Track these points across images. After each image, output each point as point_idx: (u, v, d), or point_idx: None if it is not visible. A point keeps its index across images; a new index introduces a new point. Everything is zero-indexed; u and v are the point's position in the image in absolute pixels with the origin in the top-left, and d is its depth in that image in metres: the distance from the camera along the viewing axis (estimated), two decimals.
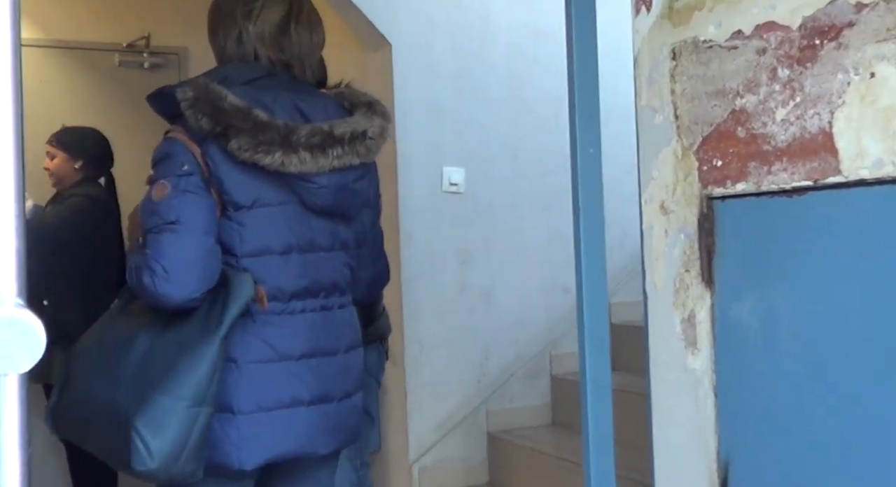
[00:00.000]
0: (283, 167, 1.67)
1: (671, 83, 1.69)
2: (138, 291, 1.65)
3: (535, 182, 3.83)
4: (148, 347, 1.65)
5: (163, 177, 1.67)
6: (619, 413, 3.09)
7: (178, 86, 1.73)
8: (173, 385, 1.57)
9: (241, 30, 1.80)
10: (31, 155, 3.62)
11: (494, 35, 3.91)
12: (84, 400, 1.70)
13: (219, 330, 1.61)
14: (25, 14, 4.45)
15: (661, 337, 1.69)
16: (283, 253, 1.74)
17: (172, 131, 1.73)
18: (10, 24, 0.85)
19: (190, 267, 1.61)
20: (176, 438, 1.56)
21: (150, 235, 1.63)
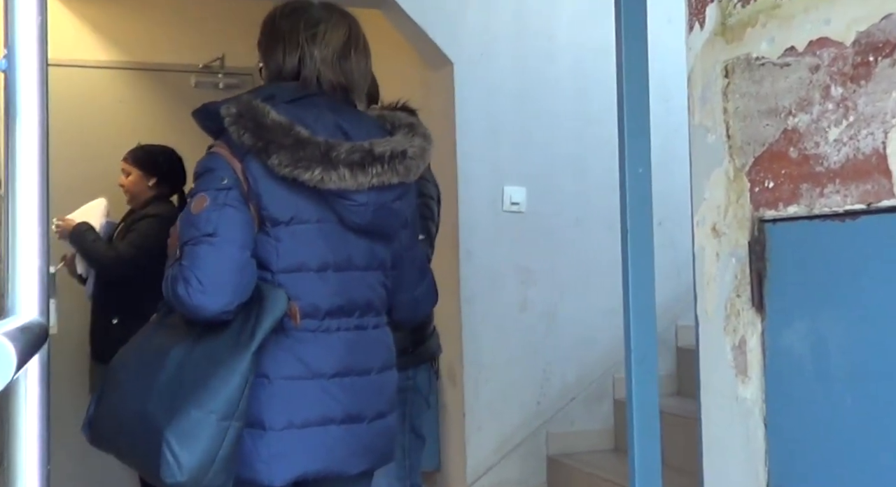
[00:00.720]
0: (322, 183, 1.67)
1: (724, 101, 1.65)
2: (173, 302, 1.66)
3: (600, 199, 3.78)
4: (181, 360, 1.66)
5: (203, 190, 1.68)
6: (683, 440, 3.02)
7: (222, 102, 1.75)
8: (204, 398, 1.58)
9: (305, 53, 1.80)
10: (109, 173, 3.74)
11: (558, 52, 3.88)
12: (119, 411, 1.71)
13: (251, 345, 1.61)
14: (105, 37, 4.60)
15: (712, 364, 1.64)
16: (319, 270, 1.74)
17: (215, 146, 1.75)
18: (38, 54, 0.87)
19: (224, 279, 1.62)
20: (206, 451, 1.56)
21: (187, 247, 1.65)
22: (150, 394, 1.64)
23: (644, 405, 1.81)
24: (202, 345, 1.65)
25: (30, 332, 0.68)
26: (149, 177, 3.73)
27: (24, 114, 0.86)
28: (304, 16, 1.85)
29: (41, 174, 0.86)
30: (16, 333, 0.61)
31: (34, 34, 0.88)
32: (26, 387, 0.81)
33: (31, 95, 0.87)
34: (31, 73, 0.87)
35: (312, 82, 1.81)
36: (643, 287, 1.81)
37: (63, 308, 3.94)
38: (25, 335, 0.64)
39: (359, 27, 1.91)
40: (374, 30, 3.97)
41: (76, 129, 4.40)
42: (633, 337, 1.77)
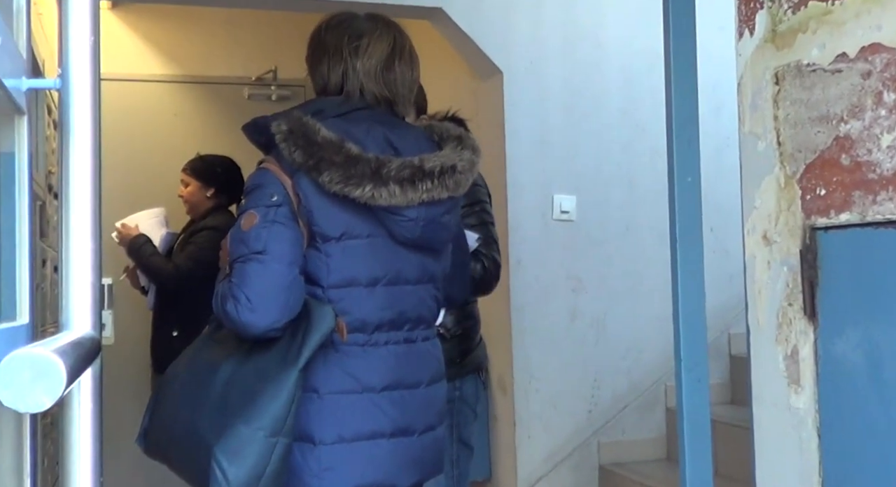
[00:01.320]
0: (372, 200, 1.67)
1: (774, 109, 1.63)
2: (222, 318, 1.67)
3: (650, 207, 3.75)
4: (230, 375, 1.67)
5: (252, 206, 1.67)
6: (736, 450, 2.97)
7: (273, 118, 1.75)
8: (252, 414, 1.59)
9: (348, 66, 1.80)
10: (166, 185, 3.83)
11: (607, 60, 3.87)
12: (170, 423, 1.73)
13: (298, 361, 1.61)
14: (161, 51, 4.69)
15: (764, 374, 1.62)
16: (369, 285, 1.74)
17: (265, 162, 1.75)
18: (91, 73, 0.89)
19: (273, 297, 1.62)
20: (253, 467, 1.57)
21: (237, 264, 1.66)
22: (199, 409, 1.65)
23: (694, 414, 1.79)
24: (251, 361, 1.66)
25: (82, 347, 0.70)
26: (207, 188, 3.76)
27: (77, 131, 0.89)
28: (348, 28, 1.85)
29: (94, 192, 0.88)
30: (67, 348, 0.63)
31: (87, 54, 0.90)
32: (80, 401, 0.83)
33: (84, 113, 0.89)
34: (84, 92, 0.89)
35: (356, 95, 1.81)
36: (693, 295, 1.80)
37: (124, 318, 4.03)
38: (77, 350, 0.66)
39: (405, 37, 1.90)
40: (424, 40, 3.99)
41: (133, 143, 4.49)
42: (682, 346, 1.76)
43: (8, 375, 0.57)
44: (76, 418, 0.84)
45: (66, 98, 0.89)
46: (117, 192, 4.10)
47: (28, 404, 0.58)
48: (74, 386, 0.82)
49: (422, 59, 1.99)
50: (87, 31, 0.90)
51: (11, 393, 0.58)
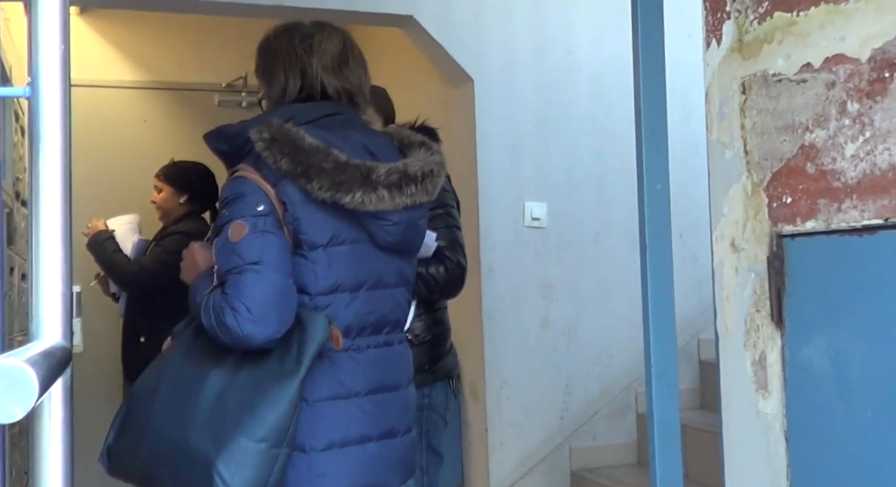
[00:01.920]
0: (362, 205, 1.68)
1: (741, 117, 1.66)
2: (218, 331, 1.63)
3: (621, 214, 3.78)
4: (222, 387, 1.63)
5: (238, 216, 1.65)
6: (706, 454, 3.00)
7: (242, 125, 1.75)
8: (254, 426, 1.57)
9: (304, 64, 1.80)
10: (135, 192, 3.80)
11: (578, 68, 3.89)
12: (152, 439, 1.68)
13: (299, 371, 1.60)
14: (130, 57, 4.66)
15: (733, 379, 1.64)
16: (353, 290, 1.74)
17: (242, 170, 1.73)
18: (61, 82, 0.89)
19: (273, 307, 1.60)
20: (257, 479, 1.56)
21: (231, 275, 1.62)
22: (189, 423, 1.62)
23: (665, 419, 1.81)
24: (243, 373, 1.64)
25: (52, 357, 0.70)
26: (180, 194, 3.75)
27: (47, 140, 0.88)
28: (297, 32, 1.86)
29: (64, 200, 0.88)
30: (38, 358, 0.62)
31: (57, 63, 0.89)
32: (50, 411, 0.82)
33: (54, 122, 0.89)
34: (54, 101, 0.89)
35: (317, 91, 1.81)
36: (662, 301, 1.81)
37: (93, 326, 3.99)
38: (48, 360, 0.66)
39: (352, 38, 1.92)
40: (395, 48, 4.00)
41: (103, 149, 4.46)
42: (652, 352, 1.77)
43: None
44: (46, 428, 0.84)
45: (36, 107, 0.89)
46: (87, 198, 4.07)
47: (0, 415, 0.57)
48: (45, 396, 0.81)
49: (393, 66, 2.00)
50: (57, 40, 0.90)
51: None
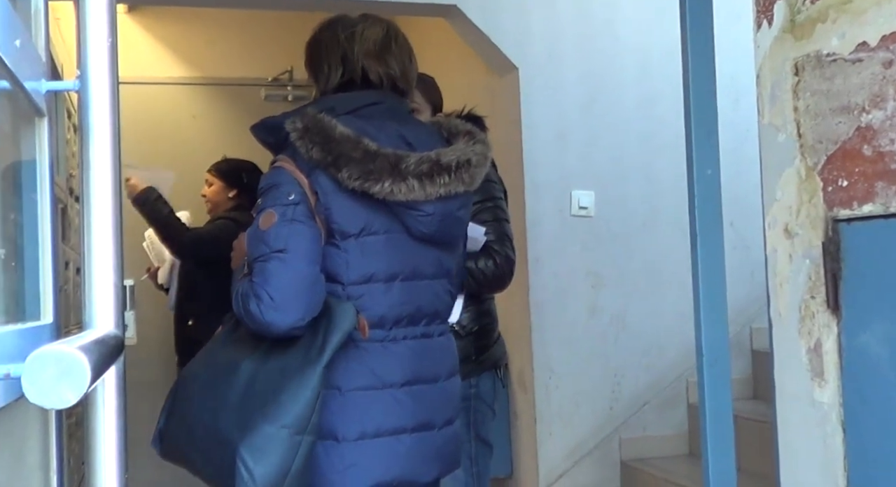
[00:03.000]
0: (391, 195, 1.68)
1: (794, 100, 1.62)
2: (244, 318, 1.64)
3: (669, 202, 3.73)
4: (251, 374, 1.66)
5: (270, 206, 1.67)
6: (759, 445, 2.95)
7: (283, 117, 1.76)
8: (276, 412, 1.58)
9: (345, 50, 1.81)
10: (184, 185, 3.84)
11: (624, 53, 3.85)
12: (191, 424, 1.71)
13: (321, 359, 1.61)
14: (178, 54, 4.72)
15: (787, 368, 1.61)
16: (387, 280, 1.74)
17: (279, 161, 1.74)
18: (109, 75, 0.90)
19: (296, 295, 1.61)
20: (279, 465, 1.56)
21: (258, 263, 1.64)
22: (221, 409, 1.65)
23: (717, 409, 1.78)
24: (272, 360, 1.66)
25: (105, 345, 0.70)
26: (230, 189, 3.86)
27: (96, 132, 0.89)
28: (339, 23, 1.88)
29: (114, 191, 0.89)
30: (91, 345, 0.63)
31: (105, 55, 0.90)
32: (104, 398, 0.83)
33: (102, 114, 0.90)
34: (103, 93, 0.90)
35: (358, 75, 1.82)
36: (714, 289, 1.79)
37: (146, 319, 4.07)
38: (100, 347, 0.66)
39: (397, 27, 1.92)
40: (439, 39, 3.99)
41: (153, 145, 4.52)
42: (704, 341, 1.75)
43: (33, 372, 0.58)
44: (101, 415, 0.85)
45: (85, 99, 0.89)
46: None
47: (53, 400, 0.58)
48: (99, 383, 0.82)
49: (437, 57, 2.00)
50: (104, 33, 0.91)
51: (37, 389, 0.58)
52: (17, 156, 1.02)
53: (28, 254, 0.99)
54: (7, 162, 0.99)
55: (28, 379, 0.58)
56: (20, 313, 0.95)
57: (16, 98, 0.95)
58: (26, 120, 1.02)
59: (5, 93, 0.92)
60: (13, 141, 1.01)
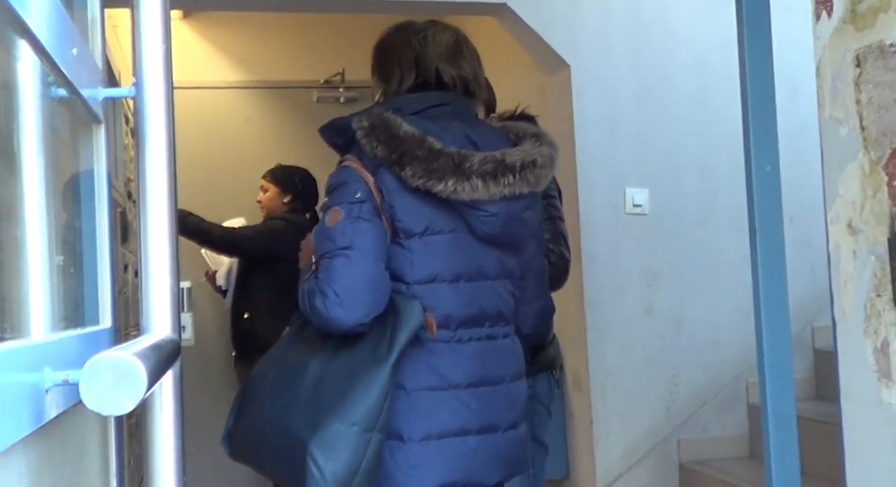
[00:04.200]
0: (455, 194, 1.68)
1: (856, 92, 1.58)
2: (310, 315, 1.66)
3: (726, 198, 3.66)
4: (320, 373, 1.67)
5: (336, 204, 1.69)
6: (824, 447, 2.89)
7: (350, 117, 1.77)
8: (346, 410, 1.59)
9: (418, 54, 1.83)
10: (239, 189, 3.90)
11: (678, 48, 3.79)
12: (261, 424, 1.73)
13: (389, 357, 1.61)
14: (231, 58, 4.77)
15: (852, 368, 1.56)
16: (453, 280, 1.74)
17: (347, 160, 1.75)
18: (164, 81, 0.90)
19: (361, 292, 1.62)
20: (349, 463, 1.57)
21: (324, 260, 1.65)
22: (291, 407, 1.66)
23: (779, 410, 1.74)
24: (340, 358, 1.67)
25: (162, 350, 0.71)
26: (284, 194, 3.95)
27: (152, 137, 0.90)
28: (410, 28, 1.90)
29: (170, 196, 0.89)
30: (147, 351, 0.63)
31: (160, 61, 0.91)
32: (161, 402, 0.84)
33: (158, 119, 0.91)
34: (158, 98, 0.91)
35: (432, 77, 1.83)
36: (775, 287, 1.75)
37: (203, 320, 4.15)
38: (157, 353, 0.67)
39: (464, 34, 1.94)
40: (488, 37, 3.98)
41: (208, 149, 4.58)
42: (765, 340, 1.71)
43: (91, 378, 0.58)
44: (158, 419, 0.85)
45: (141, 105, 0.90)
46: (194, 197, 4.20)
47: (110, 407, 0.58)
48: (156, 387, 0.83)
49: (486, 55, 1.99)
50: (158, 39, 0.91)
51: (94, 396, 0.59)
52: (75, 163, 1.03)
53: (87, 260, 1.01)
54: (65, 169, 1.01)
55: (85, 386, 0.58)
56: (79, 318, 0.96)
57: (73, 105, 0.97)
58: (84, 127, 1.04)
59: (63, 101, 0.93)
60: (71, 148, 1.03)
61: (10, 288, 0.76)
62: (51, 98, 0.89)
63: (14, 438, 0.61)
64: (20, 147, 0.82)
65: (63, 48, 0.82)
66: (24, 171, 0.82)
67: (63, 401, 0.73)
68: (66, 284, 0.92)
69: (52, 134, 0.92)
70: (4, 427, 0.58)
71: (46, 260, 0.84)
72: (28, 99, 0.82)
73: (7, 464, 0.61)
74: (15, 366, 0.63)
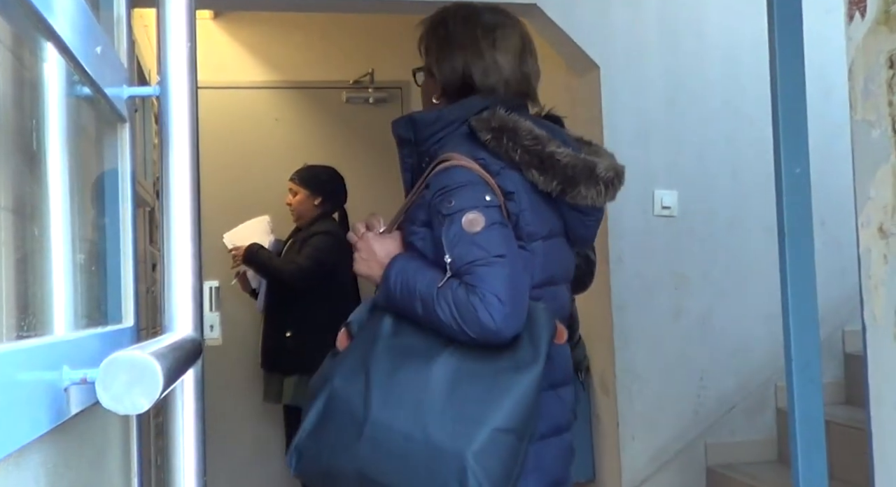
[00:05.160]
0: (583, 199, 1.66)
1: (889, 94, 1.55)
2: (463, 326, 1.53)
3: (756, 201, 3.62)
4: (451, 377, 1.55)
5: (471, 207, 1.58)
6: (853, 452, 2.85)
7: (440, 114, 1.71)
8: (500, 417, 1.50)
9: (488, 61, 1.75)
10: (268, 189, 3.92)
11: (709, 50, 3.75)
12: (375, 432, 1.55)
13: (537, 361, 1.55)
14: (261, 58, 4.80)
15: (883, 372, 1.54)
16: (560, 283, 1.74)
17: (455, 159, 1.64)
18: (188, 79, 0.91)
19: (521, 299, 1.56)
20: (508, 471, 1.49)
21: (477, 267, 1.54)
22: (422, 414, 1.53)
23: (808, 415, 1.72)
24: (471, 362, 1.57)
25: (182, 349, 0.71)
26: (315, 197, 3.93)
27: (176, 137, 0.90)
28: (479, 21, 1.80)
29: (193, 195, 0.89)
30: (165, 351, 0.63)
31: (184, 59, 0.91)
32: (182, 401, 0.84)
33: (182, 117, 0.91)
34: (182, 96, 0.91)
35: (500, 87, 1.75)
36: (804, 291, 1.72)
37: (232, 319, 4.15)
38: (176, 352, 0.67)
39: (525, 28, 1.88)
40: None
41: (238, 148, 4.61)
42: (794, 344, 1.69)
43: (107, 377, 0.58)
44: (180, 418, 0.85)
45: (165, 104, 0.90)
46: (223, 196, 4.23)
47: (126, 406, 0.58)
48: (178, 386, 0.83)
49: None
50: (183, 38, 0.91)
51: (110, 394, 0.59)
52: (99, 162, 1.04)
53: (110, 258, 1.01)
54: (90, 167, 1.01)
55: (102, 385, 0.58)
56: (101, 317, 0.97)
57: (98, 104, 0.97)
58: (109, 126, 1.04)
59: (88, 100, 0.94)
60: (96, 147, 1.03)
61: (32, 285, 0.77)
62: (75, 97, 0.89)
63: (31, 436, 0.61)
64: (45, 145, 0.82)
65: (87, 47, 0.83)
66: (48, 170, 0.83)
67: (82, 400, 0.73)
68: (88, 282, 0.93)
69: (77, 132, 0.93)
70: (21, 424, 0.59)
71: (69, 259, 0.85)
72: (52, 97, 0.82)
73: (24, 463, 0.61)
74: (33, 364, 0.63)
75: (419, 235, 1.67)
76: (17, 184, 0.75)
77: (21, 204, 0.77)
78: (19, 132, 0.76)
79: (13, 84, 0.76)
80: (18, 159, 0.76)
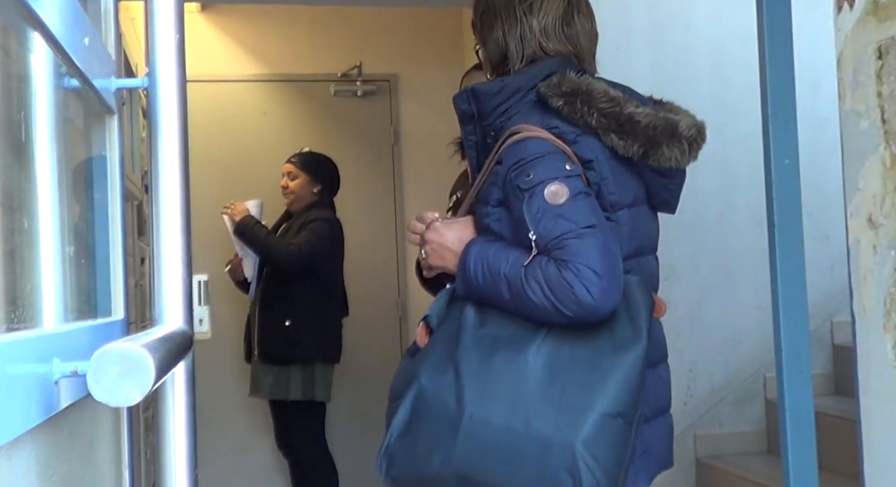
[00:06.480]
0: (667, 161, 1.53)
1: (877, 85, 1.56)
2: (557, 304, 1.41)
3: (745, 193, 3.63)
4: (546, 365, 1.44)
5: (552, 178, 1.46)
6: (842, 442, 2.87)
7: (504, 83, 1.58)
8: (607, 402, 1.39)
9: (523, 26, 1.63)
10: (256, 181, 3.87)
11: (697, 43, 3.75)
12: (473, 429, 1.43)
13: (639, 340, 1.43)
14: (250, 51, 4.78)
15: (872, 363, 1.55)
16: (648, 253, 1.61)
17: (527, 131, 1.52)
18: (177, 71, 0.90)
19: (617, 272, 1.43)
20: (619, 458, 1.39)
21: (567, 240, 1.41)
22: (523, 407, 1.42)
23: (797, 406, 1.73)
24: (567, 347, 1.46)
25: (172, 341, 0.70)
26: (315, 184, 3.86)
27: (164, 129, 0.89)
28: None
29: (182, 187, 0.89)
30: (156, 343, 0.63)
31: (173, 51, 0.91)
32: (173, 394, 0.84)
33: (171, 109, 0.90)
34: (171, 88, 0.90)
35: (538, 56, 1.63)
36: (793, 283, 1.73)
37: (220, 313, 4.13)
38: (167, 345, 0.66)
39: None
40: None
41: (227, 141, 4.59)
42: (783, 335, 1.69)
43: (98, 370, 0.58)
44: (171, 411, 0.85)
45: (154, 96, 0.90)
46: (207, 189, 4.20)
47: (118, 398, 0.58)
48: (168, 379, 0.82)
49: None
50: (171, 30, 0.91)
51: (101, 387, 0.58)
52: (87, 154, 1.03)
53: (99, 251, 1.01)
54: (78, 159, 1.00)
55: (93, 377, 0.58)
56: (91, 310, 0.96)
57: (86, 96, 0.96)
58: (97, 118, 1.03)
59: (76, 92, 0.93)
60: (84, 139, 1.02)
61: (22, 278, 0.76)
62: (63, 88, 0.89)
63: (22, 429, 0.60)
64: (32, 138, 0.81)
65: (74, 38, 0.82)
66: (36, 162, 0.82)
67: (72, 393, 0.73)
68: (78, 275, 0.92)
69: (65, 124, 0.92)
70: (12, 417, 0.58)
71: (59, 251, 0.84)
72: (40, 89, 0.82)
73: (15, 455, 0.61)
74: (24, 357, 0.62)
75: (494, 216, 1.55)
76: (5, 176, 0.75)
77: (9, 196, 0.76)
78: (7, 124, 0.76)
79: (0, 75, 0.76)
80: (6, 151, 0.76)
